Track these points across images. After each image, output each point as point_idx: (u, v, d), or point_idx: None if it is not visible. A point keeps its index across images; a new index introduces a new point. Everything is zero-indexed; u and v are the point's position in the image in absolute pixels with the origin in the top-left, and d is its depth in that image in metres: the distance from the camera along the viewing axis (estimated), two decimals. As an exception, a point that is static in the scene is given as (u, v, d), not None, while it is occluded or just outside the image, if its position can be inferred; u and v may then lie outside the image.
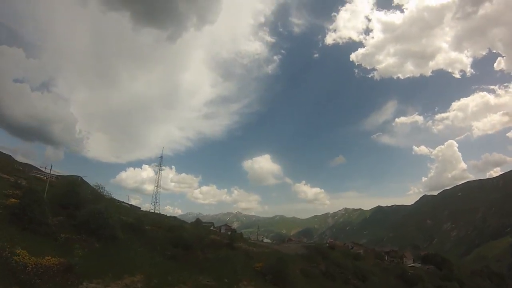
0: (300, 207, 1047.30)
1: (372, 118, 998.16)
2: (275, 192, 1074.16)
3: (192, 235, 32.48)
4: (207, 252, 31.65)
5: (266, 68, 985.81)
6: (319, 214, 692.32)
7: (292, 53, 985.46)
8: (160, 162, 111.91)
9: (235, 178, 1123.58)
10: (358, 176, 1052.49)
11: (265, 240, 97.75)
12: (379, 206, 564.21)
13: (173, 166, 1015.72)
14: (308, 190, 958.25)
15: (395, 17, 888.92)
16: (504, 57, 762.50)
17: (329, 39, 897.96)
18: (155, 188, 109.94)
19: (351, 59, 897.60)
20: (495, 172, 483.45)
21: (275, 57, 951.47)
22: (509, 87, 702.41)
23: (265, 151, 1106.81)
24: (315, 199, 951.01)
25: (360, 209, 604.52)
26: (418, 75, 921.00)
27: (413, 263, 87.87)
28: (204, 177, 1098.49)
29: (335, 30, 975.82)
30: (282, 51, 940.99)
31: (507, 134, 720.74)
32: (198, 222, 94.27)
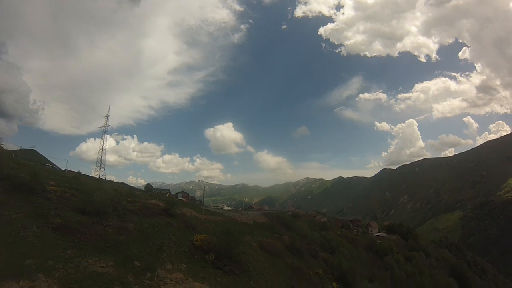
0: (262, 175, 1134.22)
1: (336, 92, 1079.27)
2: (238, 161, 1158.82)
3: (106, 198, 25.55)
4: (128, 221, 25.29)
5: (233, 37, 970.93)
6: (281, 183, 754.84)
7: (260, 24, 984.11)
8: (106, 121, 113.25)
9: (198, 146, 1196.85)
10: (320, 147, 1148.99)
11: (225, 208, 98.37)
12: (340, 177, 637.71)
13: (135, 136, 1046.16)
14: (270, 159, 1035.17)
15: None
16: (469, 48, 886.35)
17: (299, 12, 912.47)
18: (100, 150, 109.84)
19: (319, 33, 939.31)
20: (450, 152, 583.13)
21: (242, 26, 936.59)
22: (470, 76, 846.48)
23: (228, 120, 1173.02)
24: (277, 168, 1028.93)
25: (321, 179, 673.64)
26: (385, 54, 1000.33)
27: (378, 232, 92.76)
28: (167, 146, 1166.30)
29: (305, 3, 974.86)
30: (250, 21, 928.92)
31: (463, 119, 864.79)
32: (148, 188, 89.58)
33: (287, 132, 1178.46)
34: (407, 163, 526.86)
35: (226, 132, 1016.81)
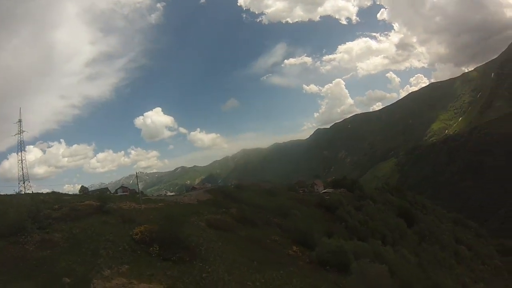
0: (199, 155, 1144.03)
1: (261, 61, 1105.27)
2: (173, 145, 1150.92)
3: (21, 211, 21.06)
4: (53, 231, 21.15)
5: (150, 18, 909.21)
6: (219, 159, 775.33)
7: (176, 0, 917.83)
8: (19, 127, 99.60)
9: (130, 138, 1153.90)
10: (252, 117, 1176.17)
11: (169, 193, 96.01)
12: (276, 143, 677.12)
13: (62, 140, 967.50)
14: (204, 137, 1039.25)
15: None
16: (387, 9, 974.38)
17: None
18: (19, 162, 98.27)
19: (239, 4, 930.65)
20: (377, 106, 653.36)
21: (158, 5, 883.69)
22: (389, 35, 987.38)
23: (156, 104, 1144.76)
24: (213, 145, 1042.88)
25: (258, 148, 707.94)
26: (307, 20, 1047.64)
27: (324, 189, 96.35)
28: (98, 144, 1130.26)
29: None
30: None
31: (386, 75, 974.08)
32: (83, 190, 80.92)
33: (217, 107, 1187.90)
34: (339, 120, 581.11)
35: (156, 118, 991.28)
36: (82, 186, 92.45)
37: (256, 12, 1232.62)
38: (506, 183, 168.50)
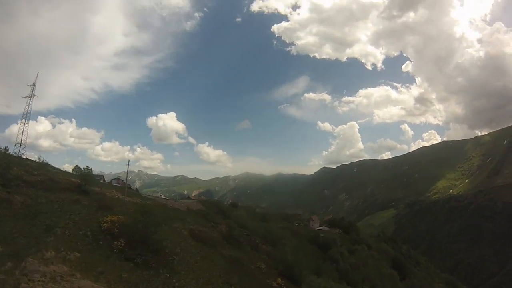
0: (202, 168, 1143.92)
1: (282, 90, 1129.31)
2: (178, 152, 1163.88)
3: None
4: (17, 193, 18.75)
5: (185, 24, 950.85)
6: (221, 176, 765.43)
7: (214, 13, 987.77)
8: (32, 90, 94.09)
9: (139, 135, 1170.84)
10: (262, 142, 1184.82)
11: (162, 197, 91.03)
12: (280, 173, 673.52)
13: (73, 120, 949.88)
14: (211, 152, 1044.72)
15: (325, 1, 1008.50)
16: (412, 62, 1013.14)
17: (256, 6, 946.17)
18: (22, 124, 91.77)
19: (272, 30, 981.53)
20: (387, 155, 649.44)
21: (196, 14, 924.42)
22: (410, 88, 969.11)
23: (172, 109, 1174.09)
24: (217, 161, 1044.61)
25: (261, 174, 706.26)
26: (334, 58, 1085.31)
27: (320, 226, 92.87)
28: (107, 133, 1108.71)
29: None
30: (205, 9, 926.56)
31: (400, 126, 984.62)
32: (77, 170, 78.61)
33: (230, 125, 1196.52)
34: (346, 163, 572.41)
35: (169, 122, 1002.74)
36: (76, 166, 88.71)
37: (287, 41, 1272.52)
38: (502, 251, 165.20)
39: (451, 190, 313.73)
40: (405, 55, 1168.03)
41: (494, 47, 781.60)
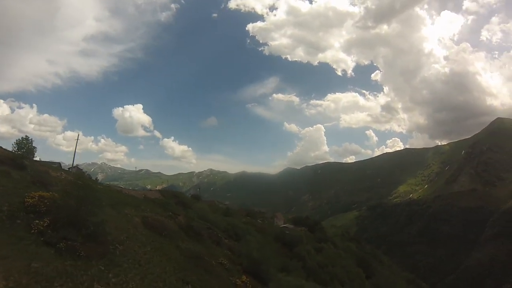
0: (166, 163, 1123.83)
1: (251, 89, 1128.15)
2: (143, 145, 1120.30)
3: None
4: None
5: (160, 15, 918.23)
6: (185, 172, 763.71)
7: (191, 7, 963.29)
8: None
9: (104, 125, 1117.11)
10: (227, 140, 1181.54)
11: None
12: (244, 171, 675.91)
13: (34, 105, 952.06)
14: (176, 147, 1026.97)
15: (303, 5, 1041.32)
16: (381, 72, 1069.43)
17: (233, 4, 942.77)
18: None
19: (247, 29, 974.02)
20: (351, 159, 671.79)
21: (172, 6, 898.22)
22: (378, 96, 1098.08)
23: (139, 101, 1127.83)
24: (182, 157, 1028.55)
25: (225, 171, 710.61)
26: (306, 61, 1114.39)
27: (284, 224, 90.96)
28: (70, 121, 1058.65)
29: None
30: (182, 1, 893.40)
31: (366, 132, 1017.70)
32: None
33: (196, 121, 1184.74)
34: (310, 164, 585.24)
35: (135, 114, 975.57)
36: (18, 139, 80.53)
37: (261, 41, 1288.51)
38: (457, 252, 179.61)
39: (411, 195, 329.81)
40: (375, 64, 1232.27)
41: (459, 65, 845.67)
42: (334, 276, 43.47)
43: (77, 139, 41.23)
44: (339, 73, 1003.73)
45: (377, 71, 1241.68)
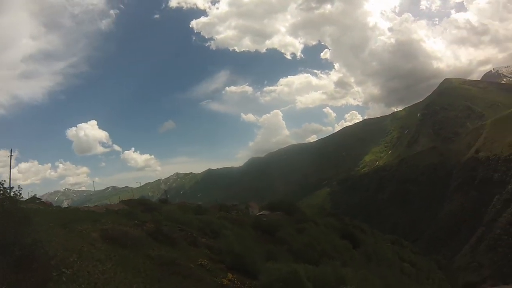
0: (132, 175, 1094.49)
1: (203, 86, 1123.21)
2: (105, 162, 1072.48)
3: None
4: None
5: (100, 23, 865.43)
6: (152, 181, 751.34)
7: (131, 10, 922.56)
8: None
9: (60, 149, 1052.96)
10: (188, 141, 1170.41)
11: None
12: (209, 169, 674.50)
13: None
14: (138, 157, 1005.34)
15: None
16: (330, 50, 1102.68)
17: (174, 2, 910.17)
18: None
19: (191, 26, 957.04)
20: (313, 138, 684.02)
21: (112, 12, 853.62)
22: (329, 73, 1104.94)
23: (92, 117, 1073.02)
24: (146, 166, 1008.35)
25: (191, 173, 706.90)
26: (254, 50, 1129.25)
27: (260, 212, 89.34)
28: (22, 152, 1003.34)
29: None
30: (121, 6, 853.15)
31: (323, 109, 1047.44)
32: None
33: (154, 127, 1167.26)
34: (274, 150, 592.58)
35: (90, 131, 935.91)
36: None
37: (206, 37, 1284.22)
38: (430, 208, 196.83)
39: (377, 162, 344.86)
40: (323, 43, 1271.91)
41: (403, 35, 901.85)
42: (323, 253, 42.47)
43: (10, 154, 36.82)
44: (289, 57, 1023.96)
45: (325, 49, 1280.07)
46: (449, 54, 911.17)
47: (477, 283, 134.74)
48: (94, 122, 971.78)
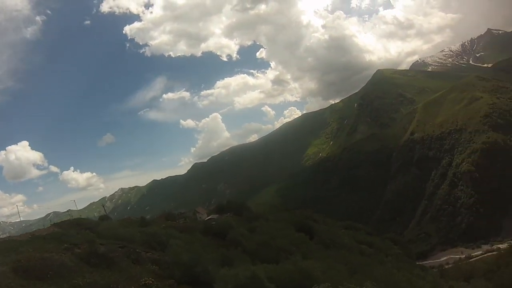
0: (74, 197, 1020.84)
1: (140, 95, 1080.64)
2: (42, 186, 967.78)
3: None
4: None
5: (25, 31, 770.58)
6: (96, 200, 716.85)
7: (59, 16, 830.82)
8: None
9: None
10: (130, 154, 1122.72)
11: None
12: (154, 180, 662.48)
13: None
14: (78, 177, 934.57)
15: None
16: (266, 49, 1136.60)
17: (106, 6, 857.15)
18: None
19: (124, 32, 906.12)
20: (254, 138, 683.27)
21: (38, 18, 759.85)
22: (266, 72, 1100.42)
23: (22, 138, 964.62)
24: (88, 185, 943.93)
25: (136, 186, 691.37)
26: (189, 54, 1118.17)
27: (208, 216, 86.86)
28: None
29: None
30: (48, 12, 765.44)
31: (262, 108, 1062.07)
32: None
33: (92, 143, 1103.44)
34: (216, 154, 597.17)
35: (22, 153, 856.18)
36: None
37: (141, 43, 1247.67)
38: (376, 190, 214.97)
39: (320, 154, 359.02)
40: (258, 43, 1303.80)
41: (336, 31, 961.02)
42: (280, 249, 41.34)
43: None
44: (225, 59, 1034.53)
45: (261, 49, 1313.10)
46: (380, 47, 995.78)
47: (428, 251, 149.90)
48: (25, 143, 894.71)
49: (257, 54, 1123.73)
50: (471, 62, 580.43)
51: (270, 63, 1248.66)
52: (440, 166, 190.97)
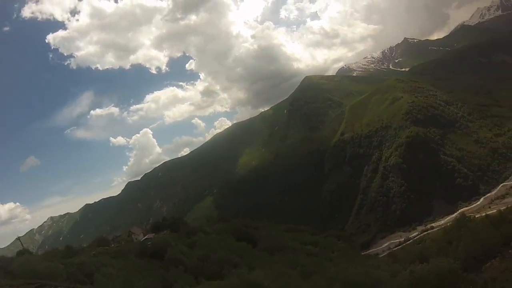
0: None
1: (66, 111, 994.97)
2: None
3: None
4: None
5: None
6: (23, 234, 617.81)
7: None
8: None
9: None
10: (57, 177, 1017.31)
11: None
12: (86, 204, 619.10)
13: None
14: None
15: (108, 5, 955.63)
16: (195, 60, 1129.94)
17: (27, 11, 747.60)
18: None
19: (47, 41, 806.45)
20: (185, 152, 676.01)
21: None
22: (195, 84, 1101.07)
23: None
24: (11, 218, 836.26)
25: (67, 213, 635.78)
26: (117, 67, 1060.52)
27: (144, 237, 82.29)
28: None
29: (37, 1, 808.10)
30: None
31: (192, 121, 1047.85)
32: None
33: (14, 168, 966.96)
34: (149, 171, 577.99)
35: None
36: None
37: (65, 54, 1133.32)
38: (313, 191, 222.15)
39: (253, 162, 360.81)
40: (187, 54, 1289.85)
41: (265, 41, 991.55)
42: (223, 261, 39.86)
43: None
44: (154, 71, 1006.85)
45: (190, 60, 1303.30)
46: (307, 55, 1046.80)
47: (370, 240, 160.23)
48: None
49: (187, 65, 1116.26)
50: (390, 67, 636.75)
51: (200, 74, 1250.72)
52: (371, 162, 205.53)
